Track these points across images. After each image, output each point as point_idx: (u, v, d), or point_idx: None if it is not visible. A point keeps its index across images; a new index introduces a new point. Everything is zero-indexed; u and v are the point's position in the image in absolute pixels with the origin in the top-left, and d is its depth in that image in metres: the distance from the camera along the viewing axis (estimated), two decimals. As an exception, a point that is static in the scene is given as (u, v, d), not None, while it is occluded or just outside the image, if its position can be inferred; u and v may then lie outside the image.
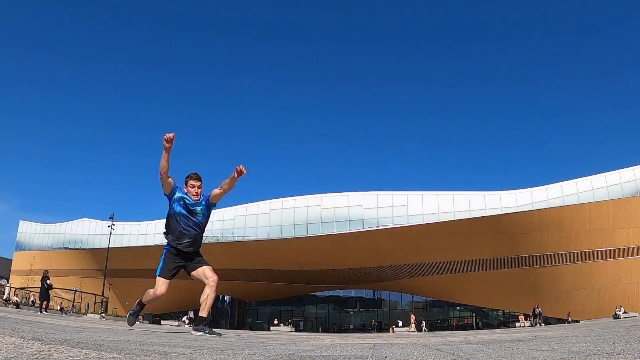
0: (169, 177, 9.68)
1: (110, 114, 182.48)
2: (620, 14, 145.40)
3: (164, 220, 9.92)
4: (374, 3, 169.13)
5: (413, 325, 56.92)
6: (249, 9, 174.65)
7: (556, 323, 54.20)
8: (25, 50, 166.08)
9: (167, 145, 9.10)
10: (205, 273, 9.52)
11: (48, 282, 35.16)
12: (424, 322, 62.93)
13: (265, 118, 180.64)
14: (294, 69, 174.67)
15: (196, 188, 9.84)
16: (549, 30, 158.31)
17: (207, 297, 9.40)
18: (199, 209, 9.81)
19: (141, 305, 10.92)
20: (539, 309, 55.49)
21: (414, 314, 62.53)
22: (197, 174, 9.98)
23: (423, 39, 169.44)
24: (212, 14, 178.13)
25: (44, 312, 31.09)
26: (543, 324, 51.48)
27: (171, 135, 9.06)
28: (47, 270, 37.27)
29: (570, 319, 55.97)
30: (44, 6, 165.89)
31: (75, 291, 59.70)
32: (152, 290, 10.11)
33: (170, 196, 9.84)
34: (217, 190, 9.96)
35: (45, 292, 34.76)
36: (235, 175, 9.63)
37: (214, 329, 9.67)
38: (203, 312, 9.48)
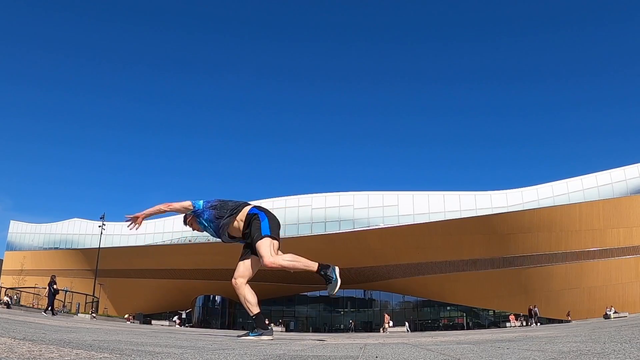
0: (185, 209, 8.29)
1: (101, 113, 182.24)
2: (607, 15, 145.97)
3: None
4: (369, 1, 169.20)
5: (387, 325, 56.83)
6: (248, 8, 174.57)
7: (547, 323, 54.34)
8: (15, 49, 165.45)
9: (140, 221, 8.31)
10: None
11: (55, 286, 36.19)
12: (406, 323, 62.86)
13: (254, 117, 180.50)
14: (282, 68, 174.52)
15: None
16: (539, 30, 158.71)
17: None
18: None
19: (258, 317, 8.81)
20: (536, 308, 55.77)
21: (387, 314, 62.53)
22: None
23: (411, 38, 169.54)
24: (211, 12, 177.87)
25: (50, 314, 31.64)
26: (533, 324, 51.65)
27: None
28: (54, 275, 38.33)
29: (570, 318, 56.07)
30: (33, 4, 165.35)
31: (66, 291, 59.51)
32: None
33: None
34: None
35: (51, 295, 35.75)
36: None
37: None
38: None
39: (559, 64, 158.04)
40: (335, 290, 7.36)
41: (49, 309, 35.30)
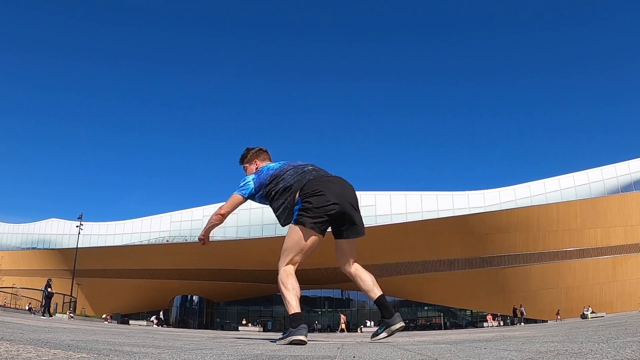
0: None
1: (79, 111, 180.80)
2: (582, 15, 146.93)
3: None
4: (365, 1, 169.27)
5: (343, 326, 56.81)
6: (248, 8, 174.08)
7: (525, 323, 54.59)
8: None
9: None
10: None
11: (49, 289, 37.63)
12: (373, 322, 62.90)
13: (239, 116, 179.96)
14: (260, 67, 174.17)
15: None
16: (516, 30, 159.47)
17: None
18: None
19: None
20: (522, 308, 56.09)
21: (343, 314, 62.58)
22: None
23: (398, 36, 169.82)
24: (210, 12, 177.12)
25: (47, 315, 32.59)
26: (511, 324, 51.88)
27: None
28: (50, 279, 39.69)
29: (560, 318, 56.21)
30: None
31: (43, 291, 59.19)
32: None
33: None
34: None
35: (46, 298, 37.60)
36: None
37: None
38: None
39: (535, 64, 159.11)
40: (281, 342, 5.99)
41: (46, 310, 35.98)
